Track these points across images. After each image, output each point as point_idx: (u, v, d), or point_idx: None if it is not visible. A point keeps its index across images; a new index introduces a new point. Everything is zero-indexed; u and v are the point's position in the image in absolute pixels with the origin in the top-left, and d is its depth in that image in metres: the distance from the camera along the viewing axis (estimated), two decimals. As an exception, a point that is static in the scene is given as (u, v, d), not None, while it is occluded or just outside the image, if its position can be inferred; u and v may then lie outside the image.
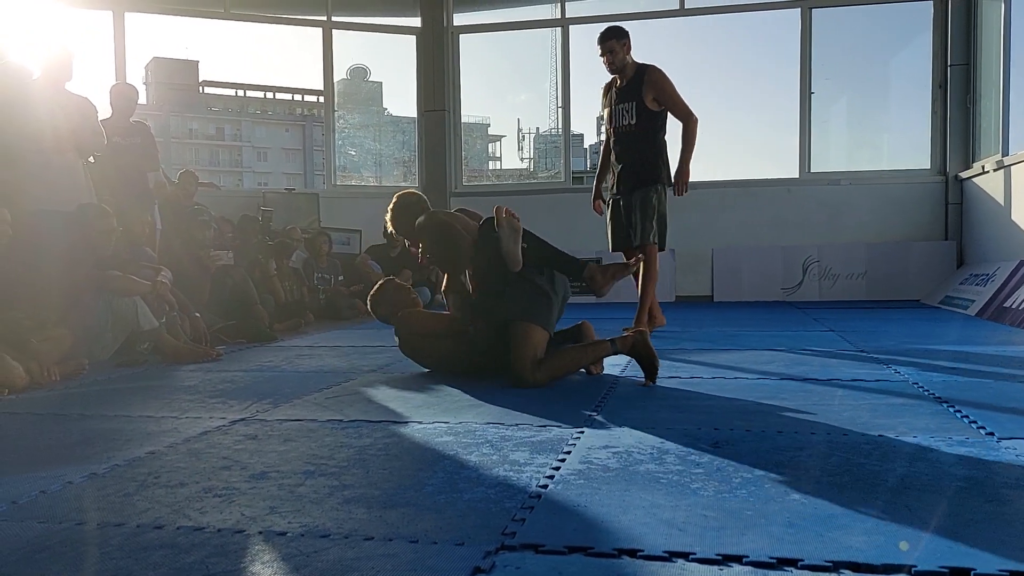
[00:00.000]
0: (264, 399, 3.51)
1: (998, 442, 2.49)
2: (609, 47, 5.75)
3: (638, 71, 5.80)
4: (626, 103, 5.81)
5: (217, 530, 1.83)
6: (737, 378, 3.87)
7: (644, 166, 5.79)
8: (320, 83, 10.28)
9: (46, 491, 2.16)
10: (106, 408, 3.45)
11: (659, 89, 5.74)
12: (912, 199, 9.07)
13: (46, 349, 4.22)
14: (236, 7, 9.83)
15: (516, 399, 3.38)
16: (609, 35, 5.77)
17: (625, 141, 5.86)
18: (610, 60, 5.77)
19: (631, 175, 5.82)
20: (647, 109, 5.75)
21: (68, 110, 5.37)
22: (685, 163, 5.81)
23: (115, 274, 4.85)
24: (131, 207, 6.06)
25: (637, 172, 5.80)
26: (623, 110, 5.83)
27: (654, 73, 5.76)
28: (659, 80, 5.74)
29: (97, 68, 9.12)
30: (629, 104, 5.79)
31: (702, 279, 9.44)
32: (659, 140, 5.84)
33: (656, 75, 5.75)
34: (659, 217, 5.81)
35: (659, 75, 5.75)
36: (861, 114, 10.48)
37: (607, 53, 5.77)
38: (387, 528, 1.81)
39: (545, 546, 1.68)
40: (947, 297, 8.01)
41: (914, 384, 3.56)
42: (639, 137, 5.79)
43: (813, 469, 2.23)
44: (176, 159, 56.97)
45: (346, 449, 2.56)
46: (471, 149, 18.03)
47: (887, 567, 1.54)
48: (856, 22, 9.70)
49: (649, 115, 5.77)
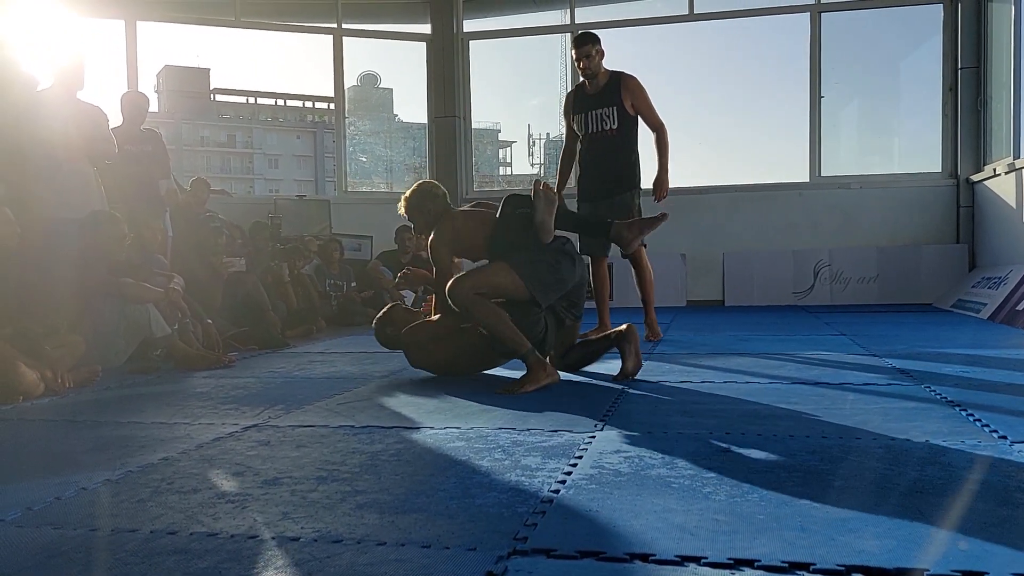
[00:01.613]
0: (276, 405, 3.52)
1: (1011, 445, 2.48)
2: (586, 52, 5.71)
3: (612, 77, 5.78)
4: (606, 108, 5.76)
5: (230, 536, 1.84)
6: (748, 382, 3.86)
7: (624, 171, 5.77)
8: (331, 90, 10.32)
9: (60, 497, 2.18)
10: (119, 415, 3.47)
11: (636, 96, 5.74)
12: (923, 202, 9.04)
13: (59, 356, 4.24)
14: (247, 15, 9.88)
15: (527, 404, 3.39)
16: (587, 40, 5.74)
17: (602, 146, 5.80)
18: (587, 65, 5.73)
19: (609, 181, 5.77)
20: (627, 114, 5.74)
21: (80, 118, 5.40)
22: (664, 170, 5.80)
23: (128, 281, 4.87)
24: (143, 214, 6.09)
25: (616, 178, 5.76)
26: (602, 115, 5.76)
27: (631, 80, 5.76)
28: (636, 88, 5.75)
29: (109, 76, 9.18)
30: (609, 109, 5.75)
31: (713, 283, 9.42)
32: (636, 145, 5.84)
33: (634, 82, 5.76)
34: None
35: (636, 82, 5.77)
36: (871, 117, 10.46)
37: (583, 58, 5.72)
38: (399, 533, 1.82)
39: (557, 551, 1.68)
40: (959, 301, 7.97)
41: (926, 388, 3.54)
42: (618, 143, 5.76)
43: (825, 473, 2.23)
44: (188, 166, 57.16)
45: (358, 455, 2.57)
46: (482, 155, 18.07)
47: (899, 571, 1.54)
48: (865, 26, 9.68)
49: (629, 120, 5.76)
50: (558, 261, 3.92)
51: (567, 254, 3.97)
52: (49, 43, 6.45)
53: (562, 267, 3.92)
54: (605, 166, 5.81)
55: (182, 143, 59.80)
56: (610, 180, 5.78)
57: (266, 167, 71.28)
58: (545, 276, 3.89)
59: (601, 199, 5.83)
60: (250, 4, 9.91)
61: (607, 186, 5.79)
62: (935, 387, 3.54)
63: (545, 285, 3.89)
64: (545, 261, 3.90)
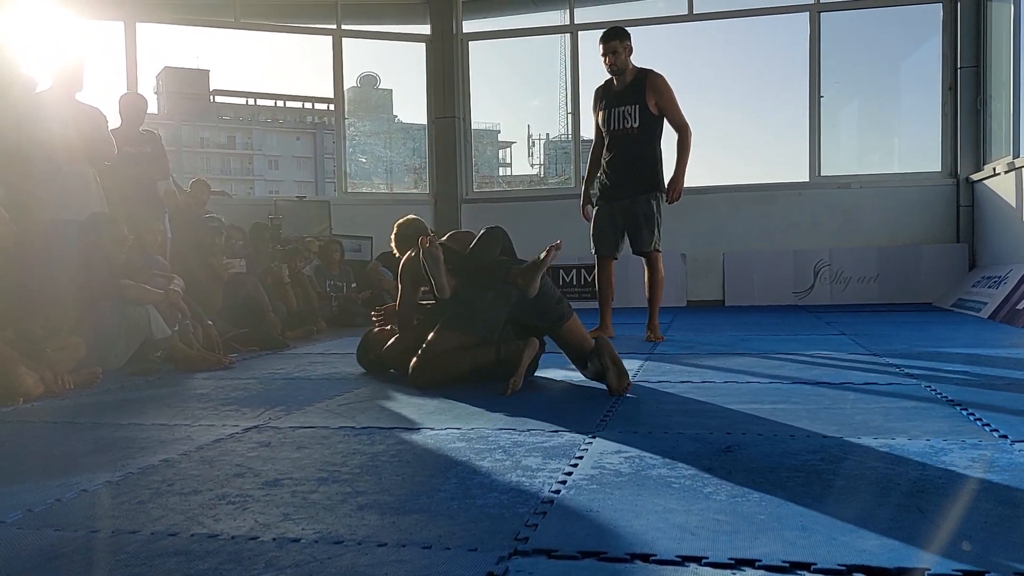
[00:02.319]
0: (277, 406, 3.52)
1: (1011, 445, 2.48)
2: (612, 47, 5.69)
3: (639, 74, 5.74)
4: (628, 106, 5.73)
5: (231, 537, 1.84)
6: (749, 382, 3.86)
7: (645, 171, 5.75)
8: (331, 91, 10.33)
9: (61, 499, 2.18)
10: (120, 416, 3.47)
11: (661, 95, 5.70)
12: (923, 202, 9.04)
13: (60, 358, 4.24)
14: (246, 16, 9.89)
15: (527, 405, 3.39)
16: (613, 35, 5.73)
17: (623, 145, 5.77)
18: (612, 61, 5.71)
19: (631, 180, 5.75)
20: (650, 113, 5.70)
21: (79, 120, 5.40)
22: (681, 173, 5.75)
23: (128, 283, 4.87)
24: (142, 216, 6.09)
25: (638, 178, 5.74)
26: (624, 113, 5.74)
27: (657, 78, 5.71)
28: (662, 86, 5.71)
29: (109, 78, 9.19)
30: (632, 107, 5.72)
31: (714, 284, 9.43)
32: (658, 145, 5.81)
33: (660, 80, 5.71)
34: (660, 222, 5.80)
35: (662, 81, 5.72)
36: (871, 117, 10.46)
37: (609, 53, 5.71)
38: (400, 534, 1.82)
39: (558, 551, 1.68)
40: (959, 300, 7.98)
41: (926, 387, 3.54)
42: (640, 141, 5.73)
43: (826, 473, 2.23)
44: (188, 168, 57.21)
45: (359, 456, 2.57)
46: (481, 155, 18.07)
47: (900, 570, 1.54)
48: (865, 25, 9.68)
49: (651, 120, 5.72)
50: (474, 298, 3.94)
51: (490, 288, 3.93)
52: (49, 45, 6.46)
53: (482, 305, 3.93)
54: (624, 166, 5.78)
55: (182, 145, 59.85)
56: (628, 181, 5.76)
57: (266, 168, 71.35)
58: (468, 320, 3.93)
59: (617, 199, 5.81)
60: (249, 5, 9.92)
61: (625, 187, 5.78)
62: (936, 386, 3.54)
63: (477, 324, 3.94)
64: (465, 303, 3.93)
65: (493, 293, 3.90)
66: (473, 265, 3.96)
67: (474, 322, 3.94)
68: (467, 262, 3.98)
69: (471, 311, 3.93)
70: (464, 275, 3.97)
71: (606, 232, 5.92)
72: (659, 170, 5.79)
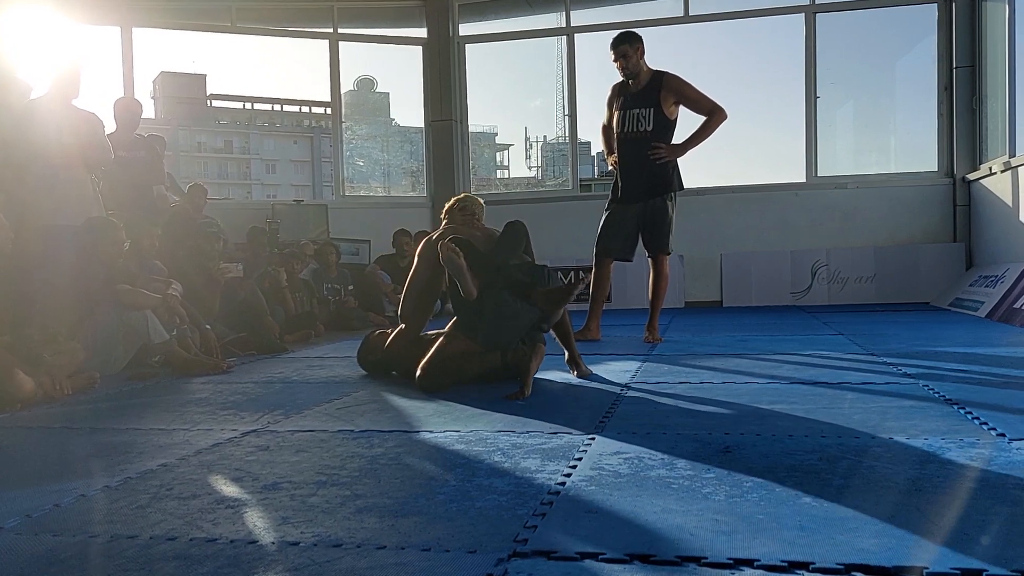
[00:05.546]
0: (275, 410, 3.52)
1: (1009, 443, 2.48)
2: (622, 51, 5.66)
3: (654, 77, 5.70)
4: (642, 108, 5.69)
5: (230, 541, 1.83)
6: (747, 382, 3.86)
7: (657, 175, 5.70)
8: (327, 95, 10.32)
9: (59, 504, 2.17)
10: (118, 421, 3.46)
11: (680, 93, 5.66)
12: (920, 202, 9.06)
13: (58, 363, 4.23)
14: (243, 21, 9.89)
15: (526, 407, 3.39)
16: (621, 40, 5.70)
17: (636, 148, 5.72)
18: (623, 65, 5.69)
19: (640, 185, 5.73)
20: (664, 117, 5.66)
21: (76, 125, 5.40)
22: (690, 144, 5.68)
23: (126, 287, 4.87)
24: (139, 220, 6.09)
25: (648, 182, 5.71)
26: (638, 115, 5.70)
27: (673, 80, 5.67)
28: (679, 85, 5.66)
29: (105, 83, 9.19)
30: (646, 110, 5.68)
31: (711, 285, 9.44)
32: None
33: (675, 81, 5.66)
34: (673, 224, 5.80)
35: (678, 80, 5.67)
36: (867, 117, 10.47)
37: (620, 58, 5.68)
38: (399, 537, 1.82)
39: (557, 552, 1.68)
40: (956, 299, 7.99)
41: (924, 386, 3.55)
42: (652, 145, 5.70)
43: (824, 472, 2.23)
44: (185, 172, 57.06)
45: (357, 459, 2.57)
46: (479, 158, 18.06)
47: (898, 569, 1.54)
48: (860, 26, 9.69)
49: (665, 123, 5.68)
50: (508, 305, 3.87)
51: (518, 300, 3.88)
52: (45, 50, 6.46)
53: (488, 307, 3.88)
54: (637, 169, 5.74)
55: (179, 149, 59.76)
56: (641, 184, 5.74)
57: (263, 172, 71.28)
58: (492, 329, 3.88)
59: (629, 203, 5.80)
60: (246, 10, 9.92)
61: (637, 191, 5.76)
62: (933, 385, 3.55)
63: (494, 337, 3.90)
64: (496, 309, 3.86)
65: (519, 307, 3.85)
66: (498, 273, 3.92)
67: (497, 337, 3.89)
68: (491, 264, 3.97)
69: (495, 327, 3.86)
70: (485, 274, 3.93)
71: (614, 234, 5.89)
72: (671, 174, 5.74)
